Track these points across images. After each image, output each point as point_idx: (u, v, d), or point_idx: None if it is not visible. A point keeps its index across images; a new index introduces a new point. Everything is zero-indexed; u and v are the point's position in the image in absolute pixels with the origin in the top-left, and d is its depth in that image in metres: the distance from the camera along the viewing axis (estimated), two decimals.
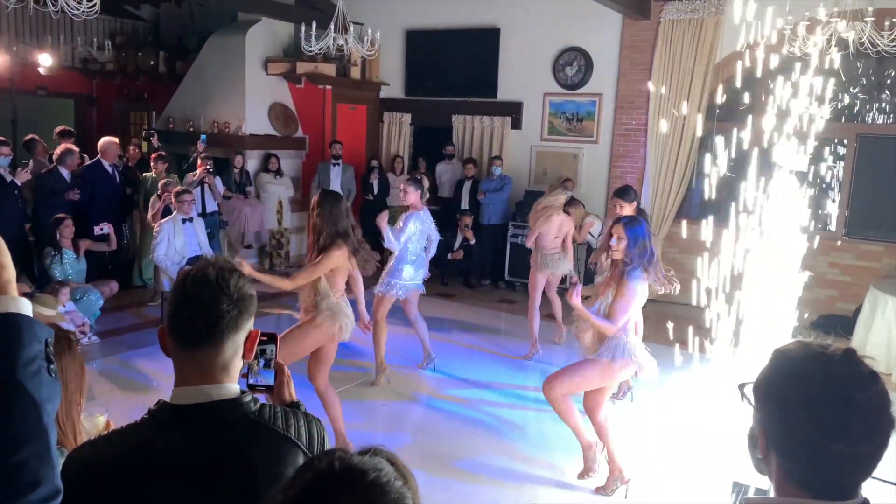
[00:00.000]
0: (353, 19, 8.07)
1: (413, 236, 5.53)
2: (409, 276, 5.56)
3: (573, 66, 9.10)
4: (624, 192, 5.31)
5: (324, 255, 4.05)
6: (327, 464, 0.96)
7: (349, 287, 4.47)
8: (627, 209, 5.09)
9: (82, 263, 6.70)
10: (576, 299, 3.61)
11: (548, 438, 4.77)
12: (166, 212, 7.15)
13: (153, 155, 8.32)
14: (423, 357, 6.00)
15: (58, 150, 7.44)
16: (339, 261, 4.09)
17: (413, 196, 5.51)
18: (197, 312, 1.35)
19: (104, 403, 4.34)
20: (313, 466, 0.97)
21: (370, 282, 5.24)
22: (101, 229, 6.82)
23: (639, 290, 3.76)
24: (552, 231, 6.35)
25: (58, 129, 8.24)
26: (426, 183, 5.86)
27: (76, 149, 7.60)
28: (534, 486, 4.16)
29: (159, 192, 7.46)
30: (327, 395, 4.28)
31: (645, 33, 8.46)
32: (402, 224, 5.52)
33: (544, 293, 6.58)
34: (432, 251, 5.79)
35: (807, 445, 1.13)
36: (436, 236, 5.77)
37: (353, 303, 4.51)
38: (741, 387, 1.35)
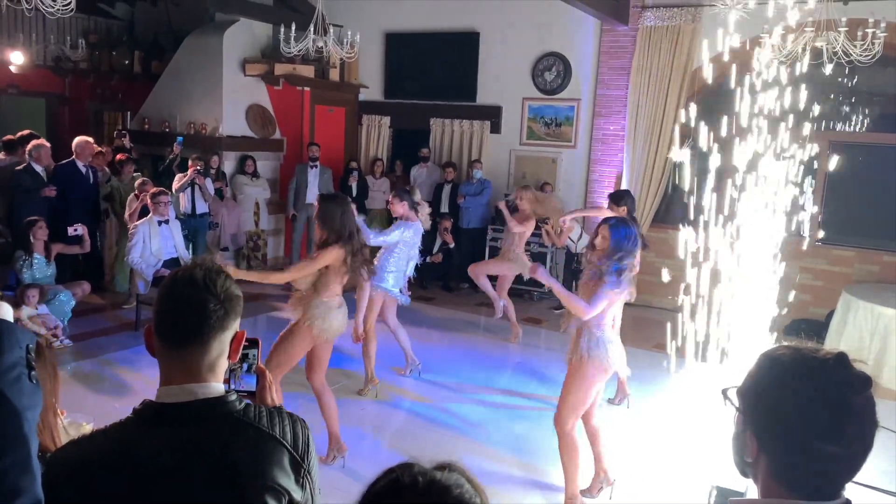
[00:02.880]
0: (332, 21, 8.03)
1: (402, 245, 5.45)
2: (391, 284, 5.52)
3: (552, 71, 9.15)
4: (613, 196, 5.45)
5: (322, 250, 4.03)
6: (410, 478, 0.96)
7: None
8: (615, 212, 5.16)
9: (52, 268, 6.56)
10: (541, 271, 3.59)
11: (531, 440, 4.78)
12: (144, 211, 7.06)
13: (119, 156, 8.18)
14: (405, 363, 5.96)
15: (28, 146, 7.29)
16: (336, 259, 4.04)
17: (400, 207, 5.45)
18: (184, 312, 1.37)
19: (82, 409, 4.25)
20: (396, 479, 0.97)
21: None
22: (76, 230, 6.69)
23: (606, 297, 3.65)
24: (528, 231, 6.52)
25: (22, 133, 8.10)
26: (417, 195, 5.75)
27: (47, 143, 7.43)
28: (517, 487, 4.17)
29: (136, 191, 7.36)
30: (324, 396, 4.26)
31: (623, 39, 8.54)
32: (390, 229, 5.49)
33: (495, 287, 6.89)
34: (409, 270, 5.71)
35: (801, 449, 1.14)
36: (415, 254, 5.67)
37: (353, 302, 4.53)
38: (725, 391, 1.35)
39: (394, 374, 5.92)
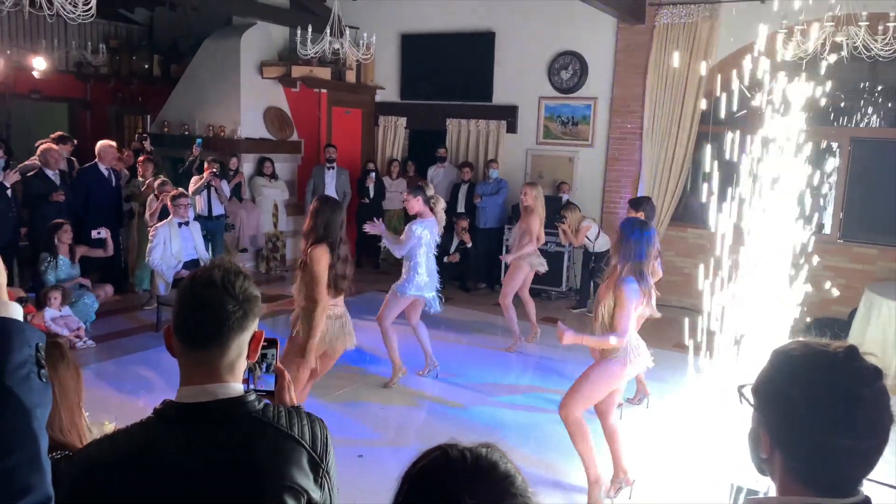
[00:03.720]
0: (348, 23, 8.07)
1: (423, 242, 5.45)
2: (425, 287, 5.52)
3: (568, 69, 9.12)
4: (633, 202, 5.50)
5: (313, 260, 3.98)
6: (458, 453, 1.00)
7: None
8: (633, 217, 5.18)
9: (76, 270, 6.67)
10: (568, 335, 3.61)
11: (548, 440, 4.77)
12: (164, 213, 7.14)
13: (140, 158, 8.28)
14: (425, 364, 5.92)
15: (38, 151, 7.28)
16: (327, 260, 4.01)
17: (416, 204, 5.46)
18: (203, 314, 1.38)
19: (105, 409, 4.31)
20: (444, 454, 1.01)
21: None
22: (99, 233, 6.78)
23: (633, 296, 3.70)
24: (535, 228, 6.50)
25: (54, 134, 8.17)
26: (430, 189, 5.70)
27: (54, 146, 7.41)
28: (535, 487, 4.15)
29: (156, 192, 7.44)
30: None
31: (640, 37, 8.49)
32: (405, 234, 5.49)
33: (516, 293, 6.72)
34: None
35: (813, 443, 1.14)
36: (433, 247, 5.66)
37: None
38: (740, 388, 1.35)
39: (412, 375, 5.93)
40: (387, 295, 5.65)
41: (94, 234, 6.75)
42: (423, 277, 5.49)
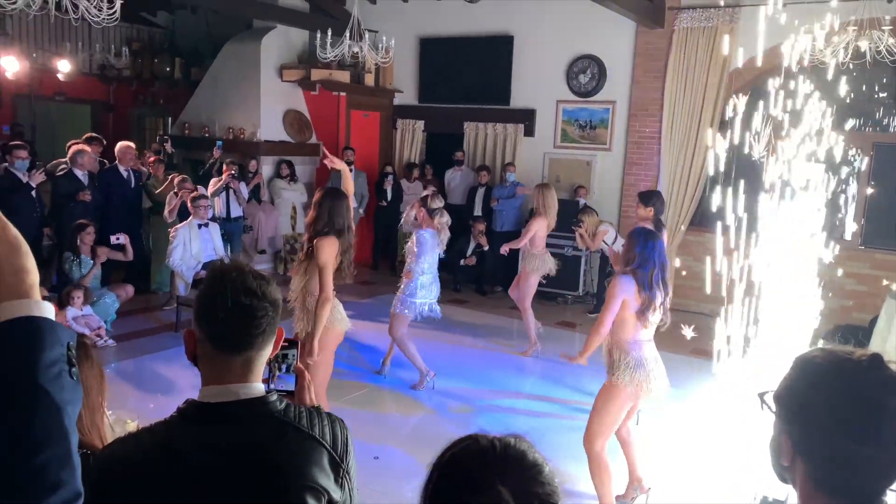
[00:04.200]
0: (367, 27, 8.12)
1: (427, 249, 5.53)
2: (425, 286, 5.57)
3: (587, 73, 9.10)
4: (642, 195, 5.41)
5: (319, 249, 3.94)
6: (487, 441, 1.04)
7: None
8: (641, 211, 5.14)
9: (98, 269, 6.75)
10: (573, 359, 3.76)
11: (559, 445, 4.74)
12: (183, 213, 7.21)
13: (150, 159, 8.35)
14: (419, 378, 5.68)
15: (70, 152, 7.44)
16: (334, 251, 3.98)
17: (419, 213, 5.61)
18: (244, 321, 1.39)
19: (123, 407, 4.36)
20: (475, 442, 1.04)
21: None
22: (118, 239, 6.84)
23: (622, 289, 3.58)
24: (544, 231, 6.47)
25: (85, 136, 8.28)
26: (437, 202, 5.64)
27: (87, 148, 7.54)
28: None
29: (175, 189, 7.52)
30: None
31: (659, 41, 8.45)
32: (415, 243, 5.55)
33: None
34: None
35: (837, 452, 1.13)
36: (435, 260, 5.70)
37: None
38: (761, 395, 1.34)
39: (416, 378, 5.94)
40: (391, 310, 5.65)
41: (112, 239, 6.82)
42: (425, 278, 5.54)
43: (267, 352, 1.45)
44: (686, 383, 5.79)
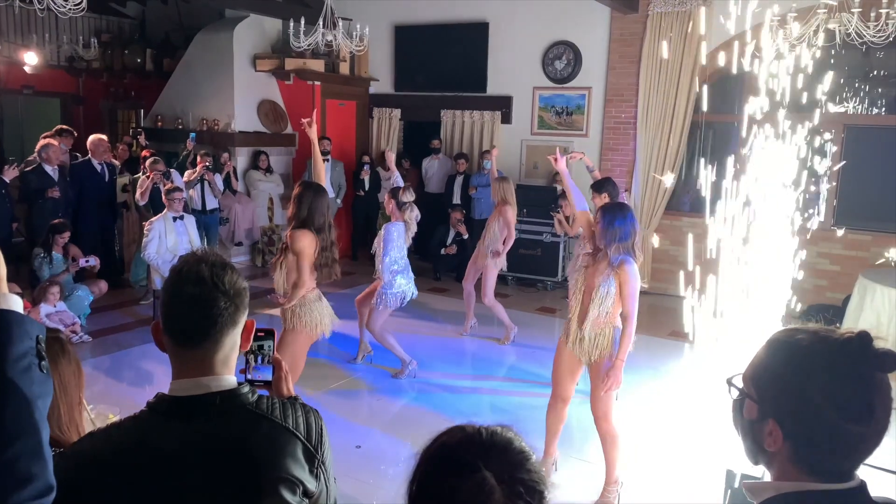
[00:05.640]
0: (341, 15, 8.04)
1: (395, 245, 5.54)
2: (400, 284, 5.58)
3: (562, 59, 9.11)
4: (595, 185, 5.41)
5: (294, 240, 3.98)
6: (474, 430, 1.07)
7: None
8: (597, 200, 5.19)
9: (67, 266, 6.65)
10: (616, 364, 3.69)
11: (542, 431, 4.79)
12: (157, 204, 7.13)
13: (148, 161, 8.22)
14: (400, 367, 5.71)
15: (38, 146, 7.27)
16: (311, 246, 4.03)
17: (389, 205, 5.61)
18: (194, 312, 1.35)
19: (108, 402, 4.32)
20: (462, 430, 1.07)
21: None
22: (87, 261, 6.68)
23: (636, 279, 3.69)
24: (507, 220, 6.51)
25: (56, 128, 8.12)
26: (407, 196, 5.62)
27: (54, 141, 7.38)
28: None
29: (147, 172, 7.42)
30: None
31: (633, 26, 8.48)
32: (382, 238, 5.56)
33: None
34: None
35: (830, 432, 1.11)
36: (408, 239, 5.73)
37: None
38: (729, 381, 1.31)
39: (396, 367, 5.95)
40: (370, 304, 5.65)
41: (82, 262, 6.60)
42: (397, 268, 5.54)
43: (231, 343, 1.40)
44: (662, 365, 5.87)
